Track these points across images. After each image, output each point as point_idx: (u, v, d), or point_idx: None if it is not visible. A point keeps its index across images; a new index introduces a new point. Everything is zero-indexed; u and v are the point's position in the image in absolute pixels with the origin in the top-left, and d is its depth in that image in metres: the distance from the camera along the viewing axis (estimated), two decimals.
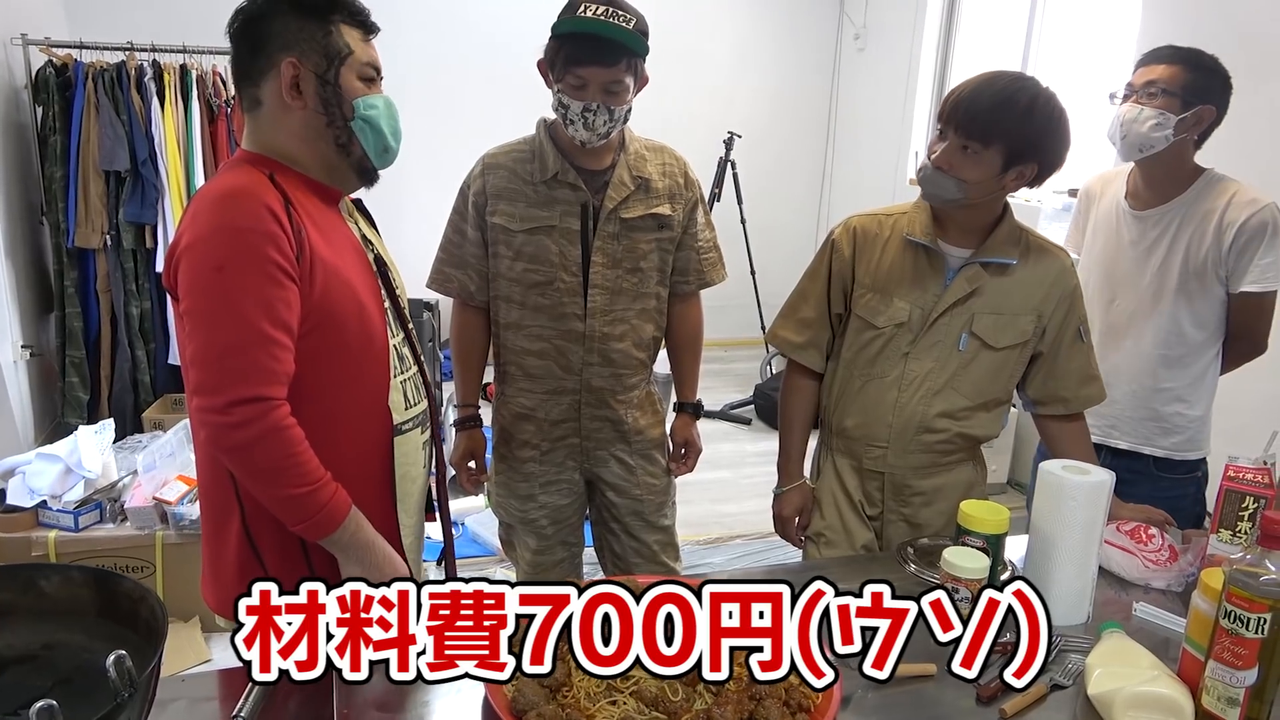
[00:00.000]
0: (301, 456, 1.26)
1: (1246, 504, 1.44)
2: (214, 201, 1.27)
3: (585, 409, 1.96)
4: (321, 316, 1.30)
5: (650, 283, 1.93)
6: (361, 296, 1.36)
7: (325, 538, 1.31)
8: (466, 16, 5.26)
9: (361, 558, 1.33)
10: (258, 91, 1.34)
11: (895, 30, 5.50)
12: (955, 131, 1.54)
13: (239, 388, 1.21)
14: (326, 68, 1.33)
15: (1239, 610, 1.08)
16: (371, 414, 1.40)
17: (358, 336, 1.36)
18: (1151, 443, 2.08)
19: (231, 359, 1.22)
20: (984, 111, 1.52)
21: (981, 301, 1.65)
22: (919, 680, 1.23)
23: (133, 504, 2.72)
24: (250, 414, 1.21)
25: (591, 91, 1.71)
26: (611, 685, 1.07)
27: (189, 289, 1.24)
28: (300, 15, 1.32)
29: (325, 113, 1.34)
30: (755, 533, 3.52)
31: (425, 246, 2.02)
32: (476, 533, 3.40)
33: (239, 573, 1.38)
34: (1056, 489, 1.39)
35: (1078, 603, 1.40)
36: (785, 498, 1.88)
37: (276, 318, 1.24)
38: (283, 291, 1.25)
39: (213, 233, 1.24)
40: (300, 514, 1.28)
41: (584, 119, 1.73)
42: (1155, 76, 1.91)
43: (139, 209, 3.81)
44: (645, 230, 1.88)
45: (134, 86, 3.80)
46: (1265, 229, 1.89)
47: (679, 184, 1.92)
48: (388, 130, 1.39)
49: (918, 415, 1.69)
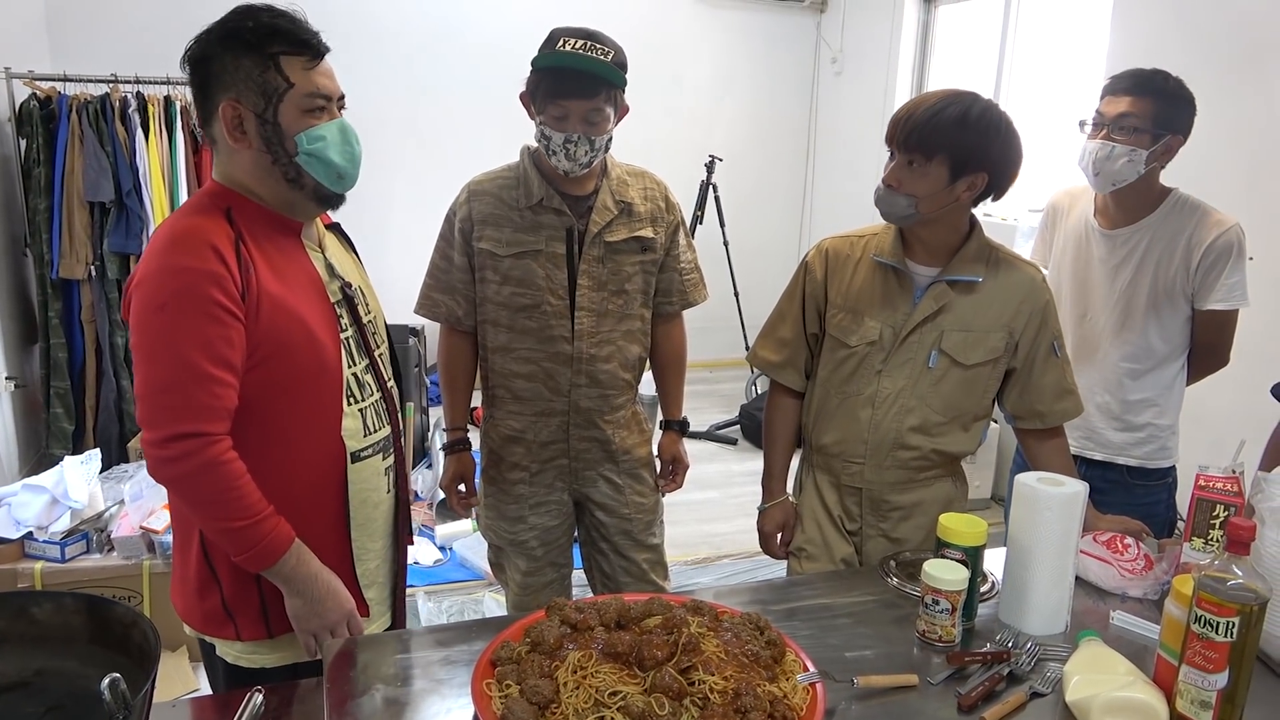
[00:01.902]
0: (239, 490, 1.28)
1: (1217, 512, 1.47)
2: (163, 241, 1.30)
3: (573, 430, 1.98)
4: (270, 349, 1.32)
5: (635, 304, 1.96)
6: (313, 328, 1.37)
7: (265, 569, 1.34)
8: (451, 43, 5.31)
9: (303, 590, 1.36)
10: (211, 131, 1.36)
11: (871, 53, 5.59)
12: (900, 149, 1.60)
13: (174, 424, 1.25)
14: (265, 106, 1.32)
15: (1209, 615, 1.11)
16: (324, 442, 1.41)
17: (309, 368, 1.37)
18: (1125, 453, 2.13)
19: (168, 395, 1.26)
20: (921, 124, 1.57)
21: (950, 319, 1.69)
22: (901, 691, 1.25)
23: (119, 534, 2.71)
24: (186, 449, 1.25)
25: (572, 123, 1.76)
26: (599, 701, 1.09)
27: (134, 326, 1.28)
28: (237, 53, 1.31)
29: (269, 151, 1.34)
30: (743, 552, 3.53)
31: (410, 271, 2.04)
32: (465, 557, 3.40)
33: (199, 589, 1.42)
34: (1032, 501, 1.42)
35: (1056, 612, 1.43)
36: (768, 514, 1.91)
37: (216, 355, 1.26)
38: (223, 330, 1.27)
39: (157, 271, 1.27)
40: (239, 546, 1.31)
41: (566, 150, 1.78)
42: (1125, 110, 1.94)
43: (124, 239, 3.82)
44: (629, 253, 1.92)
45: (118, 118, 3.82)
46: (1231, 249, 1.95)
47: (660, 207, 1.97)
48: (339, 158, 1.37)
49: (892, 432, 1.72)
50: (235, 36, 1.31)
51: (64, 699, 1.07)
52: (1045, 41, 4.58)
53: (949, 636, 1.36)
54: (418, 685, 1.25)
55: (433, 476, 3.99)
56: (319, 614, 1.37)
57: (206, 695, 1.47)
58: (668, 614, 1.25)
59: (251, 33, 1.31)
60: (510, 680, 1.13)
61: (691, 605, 1.29)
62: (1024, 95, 4.64)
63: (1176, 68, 2.00)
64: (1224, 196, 2.15)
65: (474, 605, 3.09)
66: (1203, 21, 3.35)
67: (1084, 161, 2.02)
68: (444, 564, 3.40)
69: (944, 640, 1.36)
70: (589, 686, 1.11)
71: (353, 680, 1.25)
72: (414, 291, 2.02)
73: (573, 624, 1.23)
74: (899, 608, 1.49)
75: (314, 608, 1.36)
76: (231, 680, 1.46)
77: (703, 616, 1.26)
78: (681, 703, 1.09)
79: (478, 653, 1.21)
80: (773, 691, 1.12)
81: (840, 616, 1.46)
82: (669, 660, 1.14)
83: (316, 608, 1.37)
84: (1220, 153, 3.14)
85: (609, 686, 1.11)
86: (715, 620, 1.26)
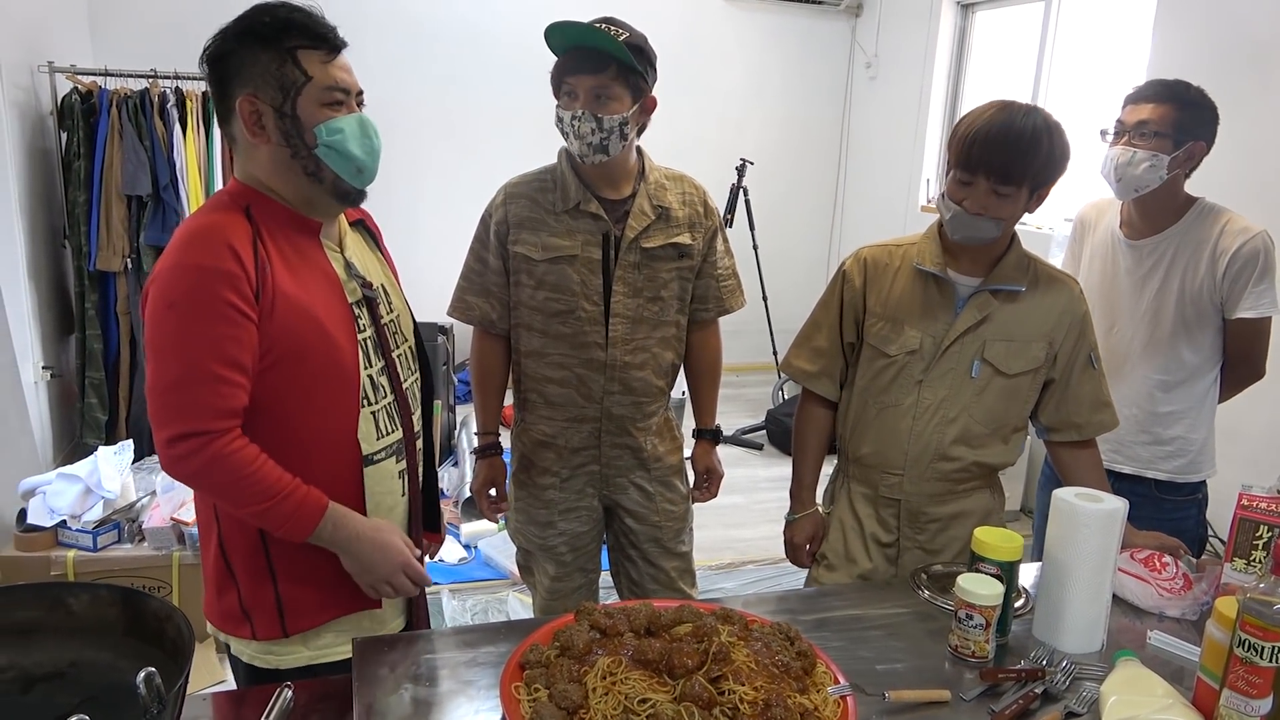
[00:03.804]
0: (254, 476, 1.29)
1: (1260, 533, 1.44)
2: (180, 238, 1.30)
3: (605, 437, 1.97)
4: (284, 350, 1.32)
5: (670, 311, 1.94)
6: (329, 330, 1.36)
7: (307, 539, 1.35)
8: (484, 41, 5.33)
9: (348, 549, 1.38)
10: (230, 129, 1.37)
11: (906, 58, 5.54)
12: (987, 178, 1.57)
13: (178, 423, 1.26)
14: (283, 100, 1.31)
15: (1253, 639, 1.08)
16: (339, 446, 1.41)
17: (323, 369, 1.36)
18: (1154, 466, 2.10)
19: (174, 394, 1.26)
20: (1015, 156, 1.54)
21: (993, 328, 1.67)
22: (933, 707, 1.23)
23: (150, 524, 2.74)
24: (190, 448, 1.26)
25: (581, 100, 1.76)
26: (628, 708, 1.08)
27: (147, 323, 1.29)
28: (254, 48, 1.31)
29: (288, 145, 1.33)
30: (768, 558, 3.52)
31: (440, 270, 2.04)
32: (490, 556, 3.41)
33: (218, 588, 1.44)
34: (1070, 517, 1.40)
35: (1092, 630, 1.40)
36: (797, 525, 1.89)
37: (224, 355, 1.26)
38: (234, 329, 1.26)
39: (171, 269, 1.27)
40: (272, 524, 1.33)
41: (574, 127, 1.77)
42: (1146, 116, 1.94)
43: (160, 233, 3.87)
44: (666, 259, 1.90)
45: (157, 113, 3.87)
46: (1258, 256, 1.93)
47: (698, 212, 1.94)
48: (358, 151, 1.36)
49: (933, 443, 1.71)
50: (252, 32, 1.31)
51: (99, 691, 1.07)
52: (1085, 49, 4.52)
53: (982, 652, 1.34)
54: (445, 686, 1.25)
55: (459, 475, 4.01)
56: (370, 569, 1.40)
57: (236, 690, 1.48)
58: (698, 622, 1.24)
59: (268, 27, 1.31)
60: (539, 684, 1.13)
61: (721, 614, 1.28)
62: (1063, 103, 4.58)
63: (1218, 76, 1.99)
64: (1266, 207, 2.11)
65: (498, 604, 3.10)
66: (1245, 30, 3.29)
67: (1106, 169, 2.01)
68: (469, 562, 3.42)
69: (977, 656, 1.34)
70: (618, 693, 1.10)
71: (381, 679, 1.26)
72: (444, 290, 2.02)
73: (602, 629, 1.23)
74: (932, 621, 1.47)
75: (364, 564, 1.39)
76: (248, 681, 1.47)
77: (733, 625, 1.25)
78: (711, 712, 1.08)
79: (504, 655, 1.21)
80: (803, 704, 1.11)
81: (871, 629, 1.44)
82: (699, 669, 1.13)
83: (366, 564, 1.39)
84: (1262, 160, 3.09)
85: (638, 694, 1.10)
86: (745, 629, 1.25)
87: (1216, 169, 2.03)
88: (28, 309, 3.68)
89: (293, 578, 1.41)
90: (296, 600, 1.42)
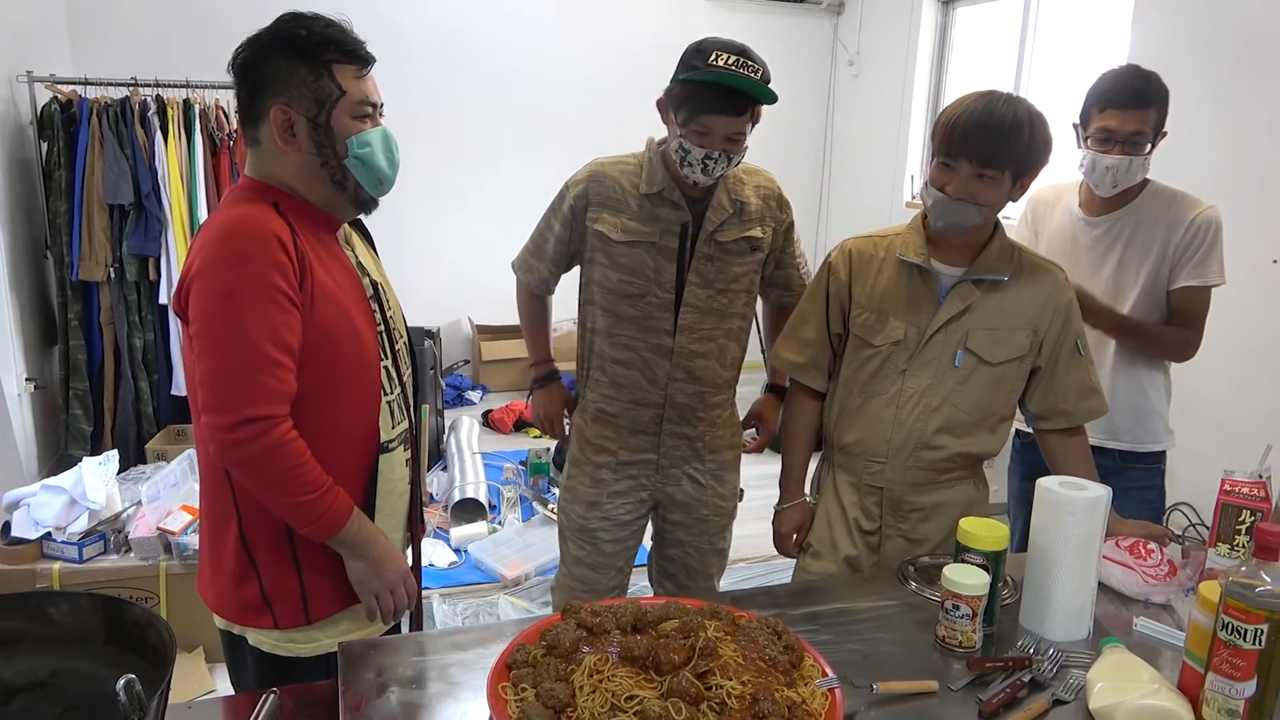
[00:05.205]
0: (304, 467, 1.34)
1: (1243, 517, 1.45)
2: (225, 229, 1.33)
3: (666, 425, 2.00)
4: (320, 341, 1.37)
5: (739, 303, 1.97)
6: (357, 322, 1.43)
7: (331, 537, 1.40)
8: (468, 48, 5.31)
9: (364, 552, 1.43)
10: (257, 132, 1.40)
11: (889, 55, 5.56)
12: (970, 162, 1.58)
13: (244, 408, 1.29)
14: (318, 111, 1.36)
15: (1236, 622, 1.09)
16: (363, 434, 1.47)
17: (353, 360, 1.42)
18: (1116, 437, 2.18)
19: (238, 381, 1.30)
20: (998, 140, 1.56)
21: (976, 318, 1.68)
22: (921, 697, 1.23)
23: (137, 534, 2.73)
24: (254, 432, 1.29)
25: (716, 140, 1.75)
26: (615, 705, 1.08)
27: (199, 313, 1.31)
28: (291, 59, 1.35)
29: (319, 154, 1.39)
30: (759, 556, 3.51)
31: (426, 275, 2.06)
32: (480, 560, 3.40)
33: (236, 580, 1.45)
34: (1054, 505, 1.40)
35: (1078, 618, 1.41)
36: (785, 515, 1.91)
37: (280, 341, 1.31)
38: (286, 316, 1.31)
39: (223, 260, 1.31)
40: (306, 518, 1.37)
41: (704, 165, 1.77)
42: (1138, 128, 2.02)
43: (143, 241, 3.84)
44: (739, 253, 1.93)
45: (138, 121, 3.84)
46: (1209, 226, 2.06)
47: (772, 206, 1.98)
48: (384, 163, 1.43)
49: (916, 431, 1.71)
50: (289, 44, 1.35)
51: (80, 699, 1.06)
52: (1064, 43, 4.54)
53: (969, 642, 1.34)
54: (433, 688, 1.25)
55: (447, 479, 4.00)
56: (379, 574, 1.44)
57: (222, 696, 1.47)
58: (685, 618, 1.24)
59: (306, 41, 1.35)
60: (526, 683, 1.12)
61: (709, 609, 1.28)
62: (1043, 97, 4.60)
63: (1196, 69, 2.01)
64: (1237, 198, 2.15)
65: (489, 608, 3.09)
66: (1224, 21, 3.31)
67: (1096, 174, 2.08)
68: (459, 566, 3.40)
69: (964, 646, 1.34)
70: (605, 690, 1.10)
71: (368, 683, 1.25)
72: (429, 294, 2.04)
73: (589, 627, 1.22)
74: (918, 612, 1.47)
75: (375, 568, 1.44)
76: (264, 671, 1.49)
77: (720, 620, 1.25)
78: (699, 708, 1.08)
79: (494, 656, 1.20)
80: (791, 697, 1.11)
81: (859, 621, 1.45)
82: (686, 664, 1.13)
83: (377, 568, 1.44)
84: (1237, 153, 3.11)
85: (625, 690, 1.10)
86: (733, 625, 1.25)
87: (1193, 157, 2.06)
88: (10, 320, 3.65)
89: (315, 566, 1.45)
90: (319, 587, 1.46)
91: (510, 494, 3.94)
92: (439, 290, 5.15)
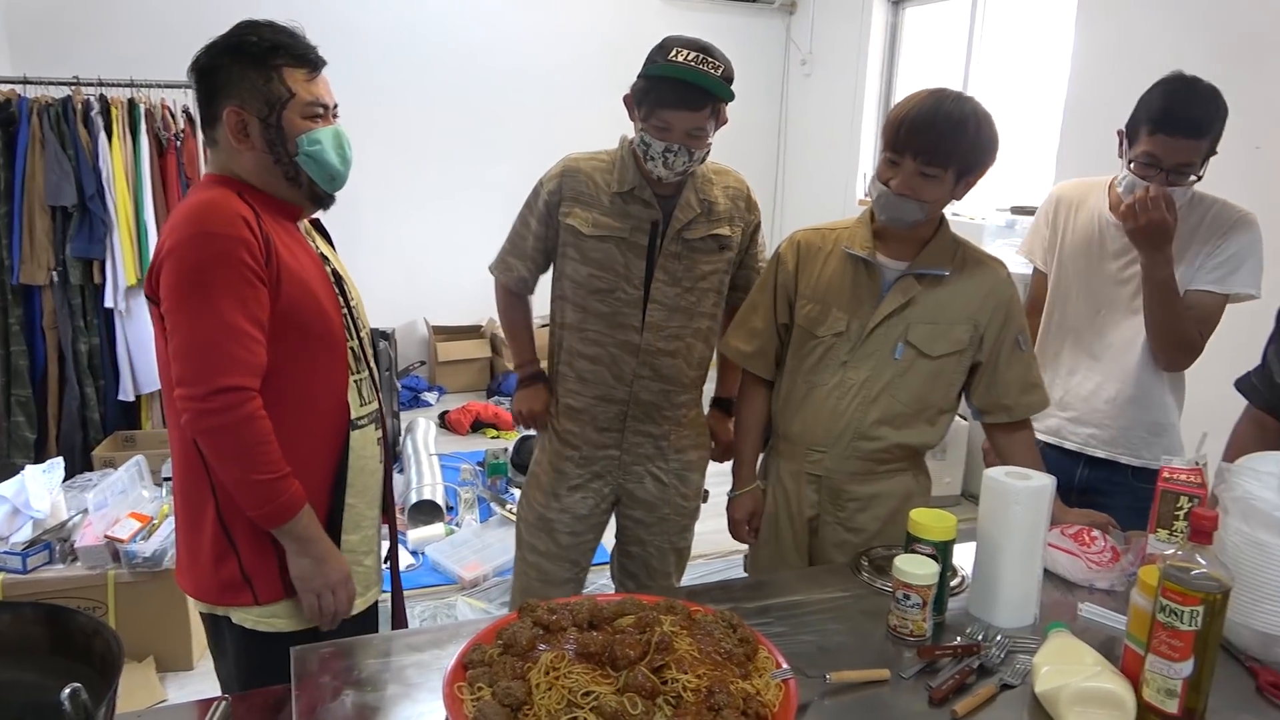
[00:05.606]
0: (268, 446, 1.39)
1: (1181, 503, 1.49)
2: (193, 211, 1.40)
3: (631, 422, 2.01)
4: (288, 318, 1.43)
5: (707, 303, 1.99)
6: (322, 302, 1.49)
7: (280, 526, 1.43)
8: (419, 47, 5.27)
9: (310, 549, 1.46)
10: (215, 133, 1.49)
11: (840, 54, 5.62)
12: (914, 158, 1.60)
13: (217, 378, 1.35)
14: (269, 113, 1.45)
15: (1173, 604, 1.12)
16: (333, 409, 1.53)
17: (319, 337, 1.49)
18: (1133, 453, 2.05)
19: (212, 352, 1.35)
20: (942, 138, 1.58)
21: (917, 312, 1.71)
22: (873, 686, 1.26)
23: (83, 543, 2.66)
24: (228, 402, 1.35)
25: (675, 134, 1.78)
26: (572, 702, 1.08)
27: (170, 290, 1.37)
28: (243, 64, 1.43)
29: (271, 151, 1.46)
30: (716, 552, 3.54)
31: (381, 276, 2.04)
32: (438, 562, 3.38)
33: (214, 560, 1.48)
34: (1000, 495, 1.43)
35: (1024, 604, 1.44)
36: (738, 501, 1.93)
37: (250, 314, 1.37)
38: (255, 291, 1.38)
39: (192, 238, 1.37)
40: (262, 498, 1.40)
41: (664, 158, 1.80)
42: (1187, 159, 1.84)
43: (87, 244, 3.75)
44: (706, 252, 1.94)
45: (81, 121, 3.75)
46: (1241, 233, 1.91)
47: (740, 207, 2.00)
48: (334, 160, 1.51)
49: (855, 422, 1.75)
50: (241, 50, 1.44)
51: (25, 711, 1.04)
52: (1010, 41, 4.63)
53: (920, 631, 1.37)
54: (390, 690, 1.24)
55: (404, 481, 3.97)
56: (323, 573, 1.47)
57: (173, 704, 1.45)
58: (641, 613, 1.24)
59: (256, 46, 1.43)
60: (482, 682, 1.12)
61: (665, 605, 1.29)
62: (990, 94, 4.69)
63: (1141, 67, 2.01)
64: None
65: (447, 610, 3.07)
66: (1168, 21, 3.40)
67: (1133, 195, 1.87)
68: (416, 569, 3.38)
69: (915, 635, 1.37)
70: (561, 687, 1.10)
71: (322, 686, 1.24)
72: (384, 295, 2.04)
73: (546, 625, 1.23)
74: (871, 603, 1.50)
75: (319, 567, 1.47)
76: (248, 651, 1.51)
77: (676, 615, 1.26)
78: (654, 702, 1.09)
79: (450, 656, 1.20)
80: (746, 689, 1.12)
81: (813, 613, 1.47)
82: (641, 659, 1.14)
83: (321, 566, 1.47)
84: None
85: (582, 686, 1.10)
86: (689, 619, 1.26)
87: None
88: None
89: None
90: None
91: (468, 495, 3.92)
92: (394, 291, 5.11)
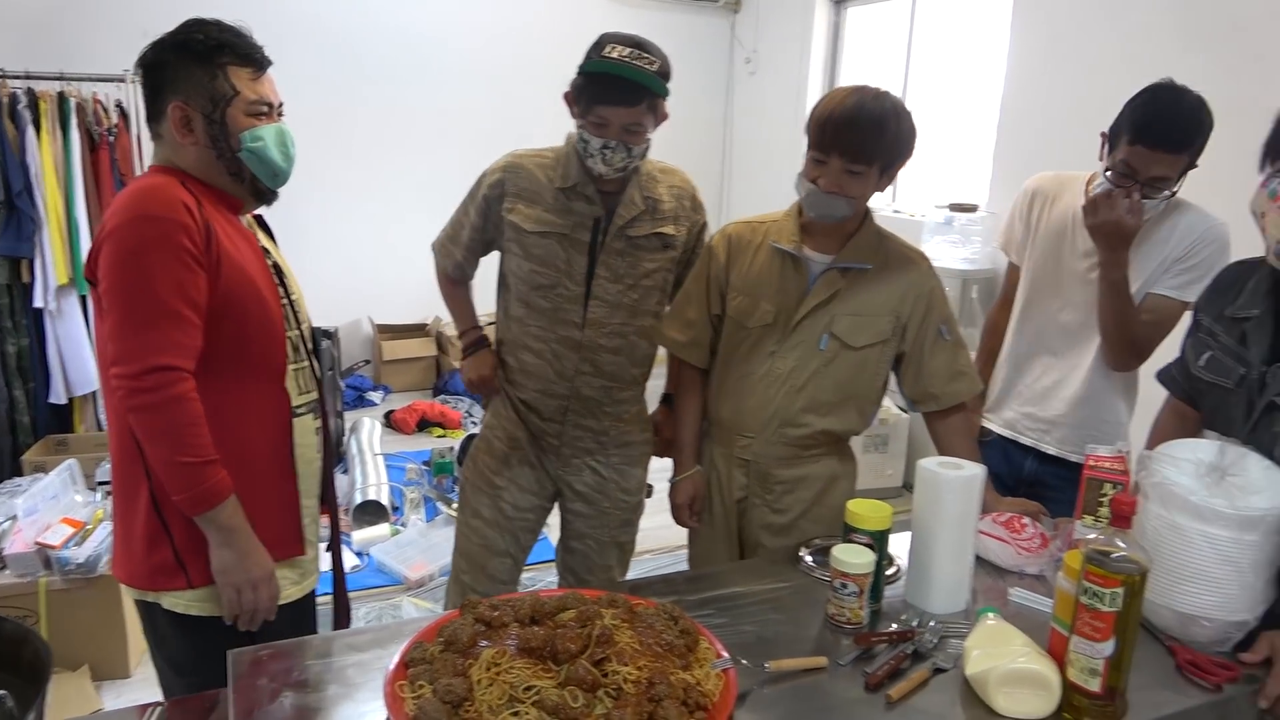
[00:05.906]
0: (198, 429, 1.39)
1: (1105, 490, 1.55)
2: (133, 195, 1.42)
3: (571, 415, 2.02)
4: (227, 303, 1.44)
5: (650, 301, 1.99)
6: (262, 290, 1.51)
7: (205, 513, 1.43)
8: (365, 45, 5.20)
9: (233, 541, 1.45)
10: (159, 127, 1.51)
11: (784, 53, 5.68)
12: (841, 157, 1.64)
13: (152, 357, 1.36)
14: (213, 109, 1.47)
15: (1095, 586, 1.17)
16: (271, 394, 1.55)
17: (258, 324, 1.50)
18: (1082, 451, 1.95)
19: (147, 332, 1.37)
20: (867, 136, 1.63)
21: (841, 304, 1.77)
22: (811, 673, 1.28)
23: (13, 550, 2.59)
24: (160, 381, 1.36)
25: (612, 130, 1.79)
26: (513, 697, 1.09)
27: (108, 270, 1.38)
28: (189, 61, 1.46)
29: (214, 147, 1.49)
30: (664, 547, 3.56)
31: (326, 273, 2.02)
32: (383, 562, 3.35)
33: (147, 543, 1.48)
34: (933, 484, 1.47)
35: (957, 590, 1.49)
36: (680, 486, 1.97)
37: (187, 297, 1.39)
38: (193, 275, 1.39)
39: (132, 220, 1.38)
40: (189, 482, 1.40)
41: (603, 155, 1.81)
42: (1163, 173, 1.81)
43: (15, 242, 3.64)
44: (650, 249, 1.95)
45: (6, 115, 3.63)
46: (1209, 242, 1.89)
47: (685, 206, 2.01)
48: (277, 157, 1.53)
49: (782, 409, 1.80)
50: (187, 47, 1.46)
51: None
52: (949, 41, 4.73)
53: (857, 619, 1.40)
54: (330, 691, 1.23)
55: (348, 481, 3.92)
56: (245, 567, 1.46)
57: (108, 712, 1.42)
58: (582, 607, 1.25)
59: (202, 44, 1.46)
60: (423, 680, 1.12)
61: (607, 599, 1.30)
62: (929, 93, 4.79)
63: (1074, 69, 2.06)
64: None
65: (392, 610, 3.05)
66: (1100, 23, 3.50)
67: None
68: (361, 570, 3.34)
69: (852, 623, 1.40)
70: (503, 682, 1.11)
71: (260, 689, 1.22)
72: (330, 293, 2.02)
73: (487, 621, 1.23)
74: (810, 593, 1.53)
75: (242, 560, 1.46)
76: (185, 636, 1.51)
77: (618, 609, 1.27)
78: (596, 694, 1.10)
79: (392, 656, 1.20)
80: (686, 679, 1.14)
81: (753, 603, 1.49)
82: (583, 653, 1.15)
83: (244, 561, 1.46)
84: None
85: (523, 681, 1.11)
86: (630, 612, 1.27)
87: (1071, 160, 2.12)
88: None
89: None
90: None
91: (414, 495, 3.89)
92: (338, 289, 5.04)
